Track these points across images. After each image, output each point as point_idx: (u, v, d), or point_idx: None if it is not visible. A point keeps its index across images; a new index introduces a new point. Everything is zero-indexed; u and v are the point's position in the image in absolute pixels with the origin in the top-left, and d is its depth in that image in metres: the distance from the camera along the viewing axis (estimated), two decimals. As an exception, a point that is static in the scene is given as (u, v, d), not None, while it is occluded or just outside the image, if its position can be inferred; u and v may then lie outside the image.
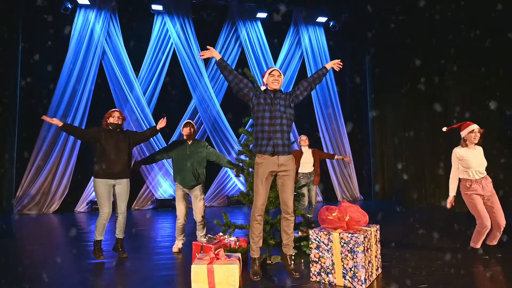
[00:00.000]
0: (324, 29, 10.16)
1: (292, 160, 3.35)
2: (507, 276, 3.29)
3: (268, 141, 3.24)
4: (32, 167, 8.11)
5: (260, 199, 3.25)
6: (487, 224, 3.75)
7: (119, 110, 4.16)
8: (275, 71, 3.41)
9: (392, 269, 3.55)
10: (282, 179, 3.30)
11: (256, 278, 3.13)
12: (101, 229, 4.04)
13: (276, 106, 3.27)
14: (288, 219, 3.33)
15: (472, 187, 3.83)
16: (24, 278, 3.41)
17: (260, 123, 3.29)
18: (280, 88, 3.44)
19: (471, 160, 3.84)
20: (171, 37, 9.11)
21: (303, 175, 5.76)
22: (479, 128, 3.91)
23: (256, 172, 3.29)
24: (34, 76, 8.31)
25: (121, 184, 4.05)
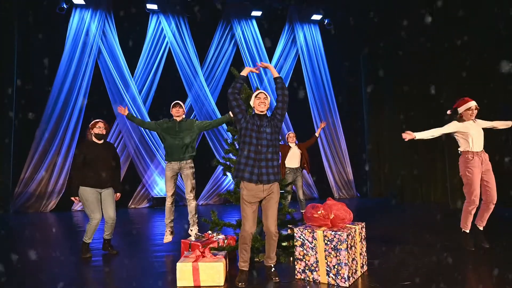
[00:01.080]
0: (319, 27, 10.16)
1: (277, 186, 3.28)
2: (491, 272, 3.31)
3: (252, 169, 3.17)
4: (29, 167, 8.17)
5: (248, 222, 3.17)
6: (476, 202, 3.82)
7: (103, 121, 4.24)
8: (261, 94, 3.33)
9: (378, 266, 3.57)
10: (267, 202, 3.23)
11: (241, 285, 3.11)
12: (91, 234, 4.15)
13: (263, 134, 3.21)
14: (272, 241, 3.25)
15: (474, 160, 3.85)
16: (19, 276, 3.46)
17: (246, 149, 3.21)
18: (266, 112, 3.35)
19: (469, 129, 3.88)
20: (166, 36, 9.13)
21: (290, 170, 6.02)
22: (476, 105, 3.93)
23: (242, 197, 3.23)
24: (30, 76, 8.34)
25: (107, 191, 4.19)
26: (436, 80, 7.62)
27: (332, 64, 10.19)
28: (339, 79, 10.36)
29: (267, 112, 3.36)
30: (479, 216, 4.00)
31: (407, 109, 8.37)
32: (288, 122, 9.74)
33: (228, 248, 3.70)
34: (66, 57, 8.43)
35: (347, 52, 10.32)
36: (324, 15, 9.84)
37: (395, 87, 8.73)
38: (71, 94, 8.43)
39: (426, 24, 7.72)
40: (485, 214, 3.98)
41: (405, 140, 4.12)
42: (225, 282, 3.21)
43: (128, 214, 7.91)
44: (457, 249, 4.09)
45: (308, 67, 9.97)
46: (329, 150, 9.96)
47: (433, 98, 7.64)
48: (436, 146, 7.73)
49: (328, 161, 9.96)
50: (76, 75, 8.48)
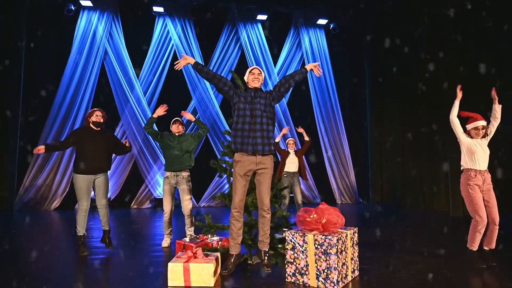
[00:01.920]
0: (324, 31, 10.18)
1: (270, 159, 3.34)
2: (484, 282, 3.29)
3: (248, 140, 3.24)
4: (34, 166, 8.31)
5: (238, 195, 3.26)
6: (484, 221, 3.70)
7: (100, 109, 4.34)
8: (255, 69, 3.41)
9: (370, 272, 3.56)
10: (259, 176, 3.31)
11: (224, 272, 3.16)
12: (82, 222, 4.20)
13: (257, 105, 3.27)
14: (264, 216, 3.32)
15: (476, 178, 3.79)
16: (21, 273, 3.52)
17: (240, 122, 3.27)
18: (261, 87, 3.45)
19: (476, 147, 3.83)
20: (172, 39, 9.24)
21: (287, 174, 6.15)
22: (484, 125, 3.87)
23: (235, 170, 3.31)
24: (37, 77, 8.51)
25: (101, 177, 4.27)
26: (441, 85, 7.57)
27: (336, 68, 10.19)
28: (344, 84, 10.35)
29: (261, 88, 3.44)
30: (486, 238, 3.85)
31: (411, 115, 8.32)
32: (292, 127, 9.74)
33: (221, 250, 3.72)
34: (73, 58, 8.58)
35: (351, 56, 10.32)
36: (329, 20, 9.85)
37: (399, 92, 8.70)
38: (77, 95, 8.58)
39: (430, 28, 7.70)
40: (491, 236, 3.82)
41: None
42: (216, 283, 3.24)
43: (130, 215, 7.99)
44: (451, 257, 4.06)
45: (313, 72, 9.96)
46: (332, 155, 9.93)
47: (437, 103, 7.58)
48: (440, 152, 7.68)
49: (331, 166, 9.94)
50: (82, 76, 8.63)
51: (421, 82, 8.00)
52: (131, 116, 8.88)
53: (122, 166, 8.89)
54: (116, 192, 8.90)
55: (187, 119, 5.18)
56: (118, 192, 8.92)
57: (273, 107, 3.39)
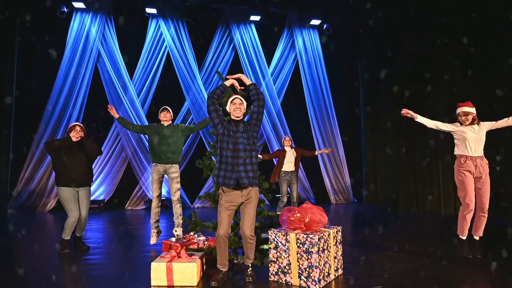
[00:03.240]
0: (318, 31, 10.20)
1: (255, 190, 3.33)
2: (466, 280, 3.30)
3: (231, 174, 3.21)
4: (28, 168, 8.31)
5: (223, 227, 3.22)
6: (471, 208, 3.73)
7: (79, 124, 4.46)
8: (237, 99, 3.37)
9: (354, 270, 3.58)
10: (244, 206, 3.29)
11: (213, 283, 3.13)
12: (69, 230, 4.37)
13: (239, 139, 3.26)
14: (248, 244, 3.29)
15: (466, 164, 3.80)
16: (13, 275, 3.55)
17: (224, 155, 3.25)
18: (242, 118, 3.41)
19: (467, 133, 3.84)
20: (165, 40, 9.25)
21: (285, 173, 6.22)
22: (466, 111, 3.88)
23: (220, 201, 3.29)
24: (30, 79, 8.50)
25: (84, 190, 4.49)
26: (435, 86, 7.59)
27: (330, 69, 10.21)
28: (338, 84, 10.37)
29: (244, 119, 3.43)
30: (474, 226, 3.90)
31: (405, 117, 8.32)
32: (286, 126, 9.77)
33: (207, 250, 3.74)
34: (66, 60, 8.58)
35: (346, 57, 10.35)
36: (323, 20, 9.88)
37: (393, 92, 8.69)
38: (71, 96, 8.58)
39: (424, 29, 7.72)
40: (478, 223, 3.88)
41: (401, 116, 4.09)
42: (199, 282, 3.25)
43: (125, 216, 8.00)
44: (437, 256, 4.08)
45: (307, 72, 10.00)
46: (327, 155, 9.94)
47: (432, 104, 7.60)
48: (433, 153, 7.69)
49: (325, 166, 9.94)
50: (76, 77, 8.63)
51: (418, 81, 8.01)
52: (125, 117, 8.84)
53: (116, 168, 8.91)
54: (110, 194, 8.90)
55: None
56: (112, 194, 8.92)
57: (256, 137, 3.39)
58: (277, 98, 9.80)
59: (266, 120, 9.65)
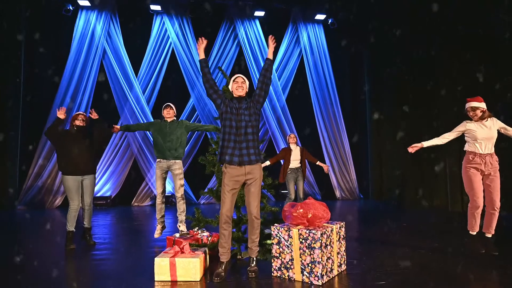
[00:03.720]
0: (323, 26, 10.12)
1: (259, 168, 3.35)
2: (469, 276, 3.27)
3: (234, 151, 3.26)
4: (36, 165, 8.42)
5: (226, 206, 3.26)
6: (479, 204, 3.66)
7: (83, 113, 4.56)
8: (239, 78, 3.42)
9: (358, 266, 3.57)
10: (249, 186, 3.32)
11: (216, 279, 3.15)
12: (72, 220, 4.41)
13: (241, 116, 3.29)
14: (254, 224, 3.32)
15: (474, 161, 3.74)
16: (16, 268, 3.60)
17: (227, 132, 3.29)
18: (245, 95, 3.44)
19: (478, 132, 3.75)
20: (169, 37, 9.27)
21: (291, 170, 6.25)
22: (473, 106, 3.80)
23: (223, 180, 3.31)
24: (36, 77, 8.59)
25: (88, 178, 4.52)
26: (440, 80, 7.50)
27: (336, 64, 10.14)
28: (343, 79, 10.30)
29: (246, 96, 3.45)
30: (485, 223, 3.82)
31: (410, 111, 8.25)
32: (291, 122, 9.74)
33: (210, 245, 3.76)
34: (72, 58, 8.65)
35: (351, 52, 10.26)
36: (327, 15, 9.80)
37: (399, 87, 8.62)
38: (77, 94, 8.65)
39: (430, 24, 7.61)
40: (489, 220, 3.79)
41: (411, 153, 4.01)
42: (202, 278, 3.27)
43: (131, 212, 8.06)
44: (442, 252, 4.05)
45: (312, 67, 9.95)
46: (332, 151, 9.90)
47: (437, 98, 7.51)
48: (439, 149, 7.59)
49: (331, 162, 9.90)
50: (82, 75, 8.69)
51: (422, 78, 7.92)
52: (131, 114, 8.95)
53: (122, 164, 8.98)
54: (117, 190, 8.98)
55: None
56: (119, 190, 9.00)
57: (259, 114, 3.41)
58: (282, 93, 9.77)
59: (271, 116, 9.64)
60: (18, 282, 3.19)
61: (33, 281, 3.24)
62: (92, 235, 4.79)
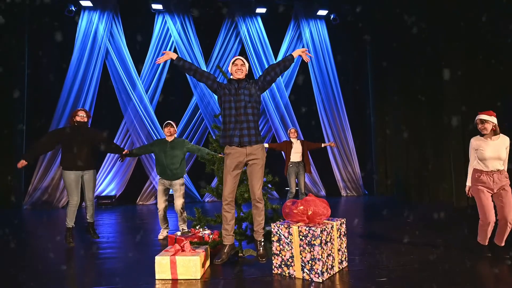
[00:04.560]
0: (325, 22, 10.06)
1: (261, 149, 3.33)
2: (472, 272, 3.24)
3: (234, 132, 3.25)
4: (42, 165, 8.50)
5: (227, 188, 3.28)
6: (489, 221, 3.57)
7: (84, 109, 4.58)
8: (238, 60, 3.40)
9: (359, 263, 3.55)
10: (251, 168, 3.32)
11: (217, 261, 3.22)
12: (72, 216, 4.47)
13: (241, 96, 3.28)
14: (257, 205, 3.33)
15: (481, 179, 3.65)
16: (20, 265, 3.64)
17: (227, 114, 3.30)
18: (245, 77, 3.43)
19: (485, 150, 3.63)
20: (171, 35, 9.27)
21: (293, 164, 6.33)
22: (482, 119, 3.66)
23: (225, 163, 3.33)
24: (40, 78, 8.66)
25: (88, 174, 4.55)
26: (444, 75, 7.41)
27: (338, 59, 10.07)
28: (346, 75, 10.23)
29: (246, 78, 3.43)
30: (497, 234, 3.73)
31: (413, 106, 8.18)
32: (294, 118, 9.71)
33: (210, 243, 3.76)
34: (76, 58, 8.70)
35: (353, 47, 10.19)
36: (329, 10, 9.73)
37: (402, 83, 8.55)
38: (81, 94, 8.70)
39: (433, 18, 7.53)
40: (501, 232, 3.69)
41: (468, 195, 3.82)
42: (203, 276, 3.28)
43: (136, 211, 8.11)
44: (445, 247, 4.01)
45: (315, 64, 9.89)
46: (336, 147, 9.86)
47: (440, 94, 7.43)
48: (444, 143, 7.53)
49: (335, 158, 9.86)
50: (85, 75, 8.74)
51: (426, 72, 7.84)
52: (134, 114, 8.98)
53: (126, 164, 9.02)
54: (121, 189, 9.04)
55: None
56: (124, 189, 9.05)
57: (259, 96, 3.39)
58: (284, 90, 9.74)
59: (274, 113, 9.61)
60: (23, 280, 3.22)
61: (35, 279, 3.27)
62: (95, 229, 4.88)
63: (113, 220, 6.75)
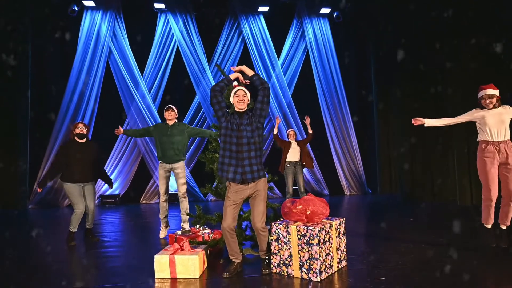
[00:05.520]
0: (328, 20, 10.01)
1: (263, 181, 3.28)
2: (472, 271, 3.21)
3: (236, 169, 3.18)
4: (46, 165, 8.55)
5: (227, 220, 3.22)
6: (491, 196, 3.54)
7: (83, 122, 4.67)
8: (240, 91, 3.29)
9: (358, 262, 3.54)
10: (253, 200, 3.28)
11: (225, 275, 3.20)
12: (76, 223, 4.55)
13: (243, 133, 3.19)
14: (260, 236, 3.29)
15: (488, 149, 3.60)
16: (19, 264, 3.68)
17: (227, 149, 3.22)
18: (247, 109, 3.32)
19: (488, 118, 3.61)
20: (174, 35, 9.29)
21: (290, 164, 6.47)
22: (490, 94, 3.64)
23: (226, 194, 3.28)
24: (44, 78, 8.73)
25: (89, 185, 4.66)
26: (447, 72, 7.35)
27: (341, 57, 10.02)
28: (349, 73, 10.18)
29: (247, 110, 3.33)
30: (500, 214, 3.69)
31: (417, 103, 8.10)
32: (297, 117, 9.69)
33: (211, 243, 3.77)
34: (79, 58, 8.75)
35: (357, 45, 10.14)
36: (332, 8, 9.68)
37: (406, 80, 8.47)
38: (84, 94, 8.76)
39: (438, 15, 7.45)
40: (505, 212, 3.65)
41: (414, 125, 3.92)
42: (202, 275, 3.29)
43: (139, 210, 8.15)
44: (447, 247, 3.98)
45: (318, 62, 9.85)
46: (339, 145, 9.82)
47: (445, 90, 7.37)
48: (449, 141, 7.47)
49: (338, 157, 9.82)
50: (88, 75, 8.79)
51: (429, 69, 7.78)
52: (137, 113, 9.02)
53: (130, 163, 9.07)
54: (125, 189, 9.09)
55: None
56: (127, 189, 9.10)
57: (261, 128, 3.30)
58: (287, 89, 9.71)
59: (277, 111, 9.60)
60: (23, 277, 3.26)
61: (38, 276, 3.30)
62: (94, 233, 4.99)
63: (116, 219, 6.80)
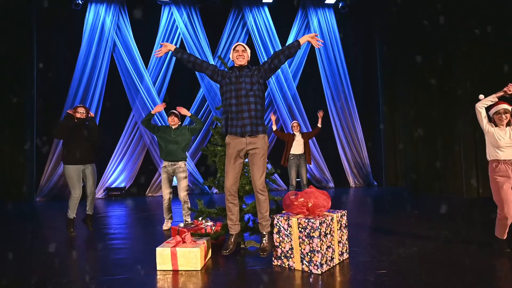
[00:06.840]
0: (333, 11, 9.88)
1: (262, 138, 3.22)
2: (474, 264, 3.18)
3: (236, 122, 3.17)
4: (53, 158, 8.64)
5: (229, 179, 3.22)
6: (506, 214, 3.46)
7: (84, 106, 4.72)
8: (239, 46, 3.29)
9: (360, 254, 3.53)
10: (251, 157, 3.23)
11: (224, 252, 3.19)
12: (73, 208, 4.67)
13: (241, 84, 3.16)
14: (259, 197, 3.22)
15: (499, 168, 3.53)
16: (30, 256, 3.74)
17: (227, 104, 3.20)
18: (248, 64, 3.31)
19: (500, 138, 3.52)
20: (178, 27, 9.25)
21: (294, 156, 6.45)
22: (505, 108, 3.53)
23: (226, 153, 3.28)
24: (49, 72, 8.76)
25: (88, 168, 4.72)
26: (454, 64, 7.23)
27: (347, 48, 9.91)
28: (355, 64, 10.07)
29: (248, 65, 3.32)
30: None
31: (423, 96, 8.01)
32: (302, 109, 9.63)
33: (213, 235, 3.78)
34: (83, 51, 8.76)
35: (362, 36, 10.01)
36: (338, -1, 9.56)
37: (412, 71, 8.36)
38: (89, 87, 8.78)
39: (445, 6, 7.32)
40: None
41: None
42: (204, 267, 3.31)
43: (145, 202, 8.21)
44: (450, 239, 3.95)
45: (323, 53, 9.76)
46: (345, 138, 9.76)
47: (450, 84, 7.26)
48: (456, 134, 7.38)
49: (343, 150, 9.77)
50: (93, 68, 8.81)
51: (436, 61, 7.65)
52: (142, 106, 9.04)
53: (135, 156, 9.12)
54: (131, 181, 9.15)
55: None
56: (133, 181, 9.17)
57: (262, 84, 3.26)
58: (292, 81, 9.65)
59: (282, 103, 9.55)
60: (26, 269, 3.31)
61: (40, 268, 3.34)
62: (93, 221, 5.08)
63: (122, 212, 6.86)
